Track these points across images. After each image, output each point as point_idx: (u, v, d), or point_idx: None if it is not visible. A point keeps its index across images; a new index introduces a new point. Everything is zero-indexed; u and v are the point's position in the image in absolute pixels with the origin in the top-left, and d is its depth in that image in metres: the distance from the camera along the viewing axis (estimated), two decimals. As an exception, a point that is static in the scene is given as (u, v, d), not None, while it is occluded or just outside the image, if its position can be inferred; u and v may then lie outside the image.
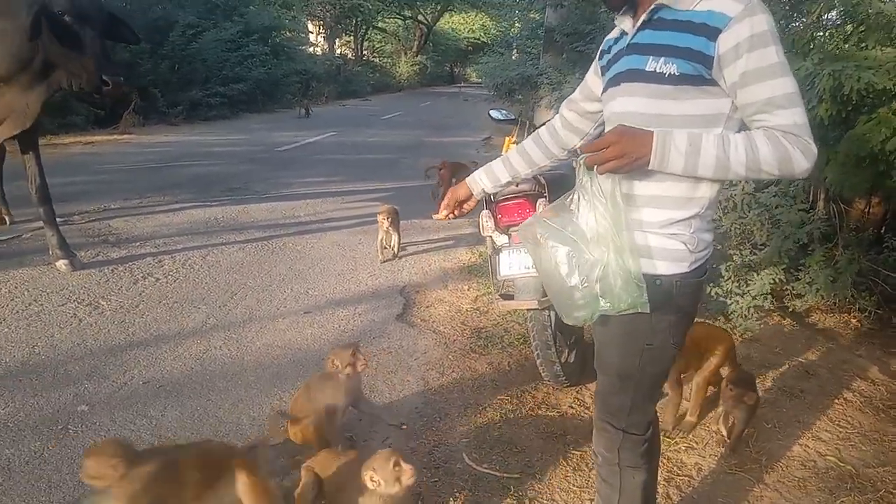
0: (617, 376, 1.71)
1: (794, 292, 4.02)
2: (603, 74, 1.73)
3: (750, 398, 2.63)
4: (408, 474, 1.95)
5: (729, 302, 3.83)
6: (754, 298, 3.77)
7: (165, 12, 16.65)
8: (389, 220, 5.11)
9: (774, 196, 3.97)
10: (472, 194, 1.98)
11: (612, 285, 1.49)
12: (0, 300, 4.03)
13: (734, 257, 3.95)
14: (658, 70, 1.49)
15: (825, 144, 3.84)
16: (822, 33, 4.14)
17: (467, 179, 1.99)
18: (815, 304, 4.11)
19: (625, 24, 1.62)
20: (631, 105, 1.56)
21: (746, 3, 1.41)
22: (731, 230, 4.20)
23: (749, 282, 3.85)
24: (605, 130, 1.66)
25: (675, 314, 1.61)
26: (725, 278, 3.91)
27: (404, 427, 2.82)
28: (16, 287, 4.27)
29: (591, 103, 1.85)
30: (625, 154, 1.42)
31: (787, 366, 3.50)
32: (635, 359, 1.65)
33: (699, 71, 1.45)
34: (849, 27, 4.01)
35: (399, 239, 5.29)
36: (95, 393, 3.01)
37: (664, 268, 1.56)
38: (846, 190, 3.90)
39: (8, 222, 5.75)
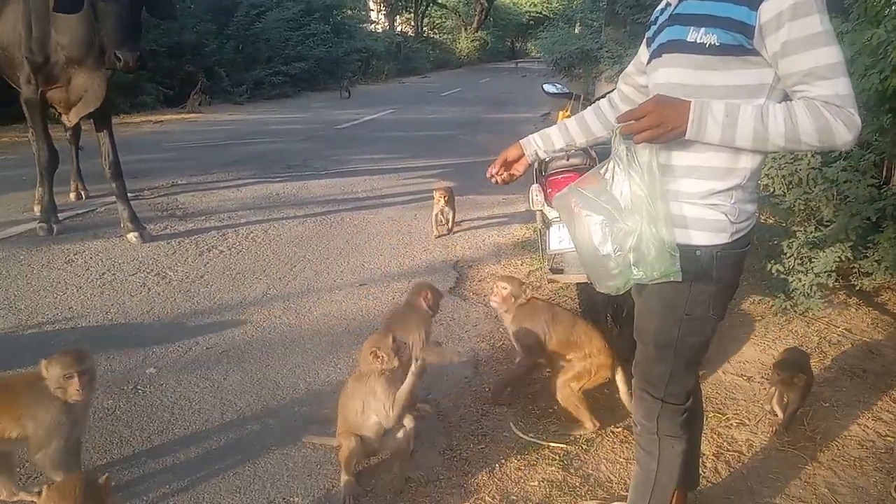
0: (654, 346, 1.71)
1: (861, 270, 3.87)
2: (648, 46, 1.73)
3: (800, 379, 2.57)
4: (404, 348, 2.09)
5: (791, 279, 3.72)
6: (818, 276, 3.64)
7: (231, -7, 17.03)
8: (445, 198, 5.15)
9: (843, 171, 3.82)
10: (525, 155, 1.92)
11: (646, 254, 1.50)
12: (76, 269, 4.29)
13: (798, 234, 3.82)
14: (699, 40, 1.47)
15: (897, 116, 3.66)
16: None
17: (521, 141, 1.94)
18: (883, 283, 3.95)
19: None
20: (673, 76, 1.55)
21: None
22: (794, 206, 4.07)
23: (813, 259, 3.72)
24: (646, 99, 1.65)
25: (714, 285, 1.59)
26: (788, 255, 3.79)
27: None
28: (91, 258, 4.52)
29: (643, 76, 1.83)
30: (661, 123, 1.42)
31: (850, 345, 3.39)
32: (674, 329, 1.65)
33: (739, 41, 1.42)
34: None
35: (454, 215, 5.33)
36: (163, 357, 3.18)
37: (704, 238, 1.55)
38: (920, 164, 3.72)
39: (84, 197, 6.08)
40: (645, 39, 1.78)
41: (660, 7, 1.73)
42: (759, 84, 1.47)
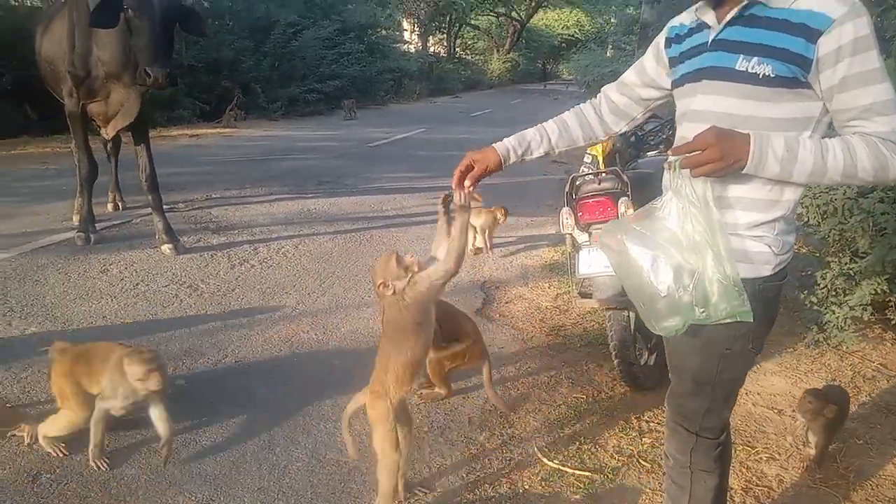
0: (693, 381, 1.67)
1: (897, 304, 3.78)
2: (673, 66, 1.68)
3: (830, 411, 2.50)
4: (411, 262, 2.03)
5: (824, 312, 3.65)
6: (852, 309, 3.57)
7: (268, 11, 17.39)
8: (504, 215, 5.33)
9: (880, 202, 3.75)
10: (501, 160, 1.78)
11: (709, 293, 1.43)
12: (111, 279, 4.38)
13: (832, 265, 3.75)
14: (751, 70, 1.43)
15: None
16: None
17: (496, 145, 1.80)
18: (922, 319, 3.86)
19: (707, 16, 1.55)
20: (717, 104, 1.50)
21: (851, 5, 1.36)
22: (829, 236, 4.00)
23: (847, 291, 3.65)
24: (681, 127, 1.62)
25: (756, 319, 1.52)
26: (821, 286, 3.72)
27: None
28: (125, 268, 4.61)
29: (647, 90, 1.79)
30: (723, 157, 1.37)
31: (885, 381, 3.31)
32: (713, 364, 1.61)
33: (795, 73, 1.40)
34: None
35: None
36: (192, 368, 3.23)
37: (747, 271, 1.51)
38: (960, 196, 3.64)
39: (121, 208, 6.22)
40: (661, 55, 1.73)
41: (681, 23, 1.68)
42: (807, 117, 1.45)
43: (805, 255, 4.35)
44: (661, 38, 1.74)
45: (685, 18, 1.67)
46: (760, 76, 1.42)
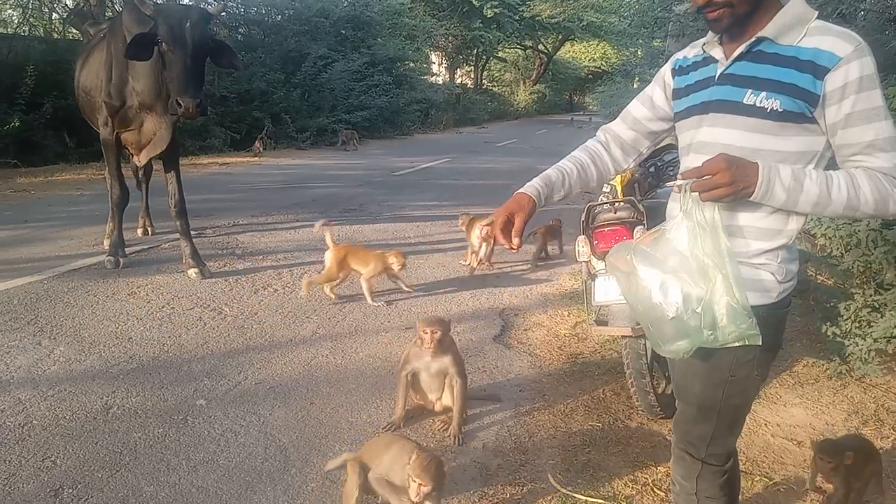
0: (698, 407, 1.69)
1: (924, 337, 3.71)
2: (677, 97, 1.71)
3: (848, 458, 2.31)
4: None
5: (848, 343, 3.60)
6: (876, 341, 3.51)
7: (299, 44, 17.85)
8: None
9: (904, 233, 3.71)
10: (536, 204, 1.71)
11: (718, 316, 1.44)
12: (138, 301, 4.49)
13: (856, 296, 3.71)
14: (759, 104, 1.47)
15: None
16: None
17: (526, 190, 1.74)
18: (949, 352, 3.78)
19: (715, 51, 1.60)
20: (724, 136, 1.53)
21: (856, 45, 1.41)
22: (853, 267, 3.95)
23: (872, 323, 3.60)
24: (687, 158, 1.64)
25: (760, 346, 1.53)
26: (845, 318, 3.68)
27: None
28: (152, 291, 4.73)
29: (657, 122, 1.81)
30: (733, 182, 1.40)
31: (910, 415, 3.24)
32: (718, 391, 1.62)
33: (802, 108, 1.44)
34: None
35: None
36: (213, 389, 3.29)
37: (751, 299, 1.50)
38: None
39: (150, 233, 6.38)
40: (666, 87, 1.76)
41: (687, 56, 1.71)
42: (812, 151, 1.49)
43: (829, 286, 4.29)
44: (666, 70, 1.78)
45: (689, 52, 1.72)
46: (768, 110, 1.46)
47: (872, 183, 1.41)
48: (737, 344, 1.46)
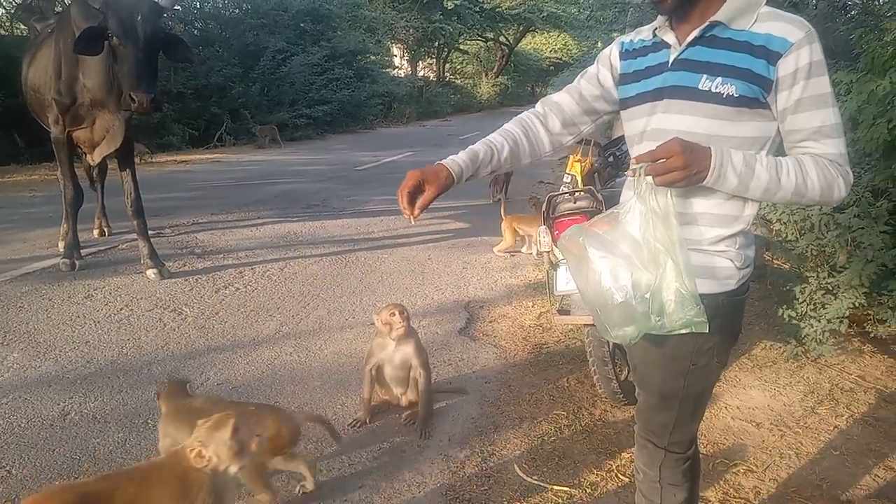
0: (660, 397, 1.69)
1: (875, 317, 3.83)
2: (625, 83, 1.66)
3: None
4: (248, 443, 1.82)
5: (803, 325, 3.69)
6: (830, 322, 3.61)
7: (257, 38, 17.59)
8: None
9: (856, 217, 3.81)
10: (454, 180, 1.65)
11: (666, 302, 1.42)
12: (95, 304, 4.38)
13: (810, 280, 3.81)
14: (714, 90, 1.46)
15: (909, 164, 3.67)
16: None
17: (446, 163, 1.67)
18: (900, 331, 3.90)
19: (667, 35, 1.56)
20: (679, 123, 1.51)
21: (807, 31, 1.42)
22: (807, 251, 4.05)
23: (826, 305, 3.70)
24: (640, 146, 1.61)
25: (720, 334, 1.56)
26: (800, 301, 3.77)
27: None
28: (110, 293, 4.62)
29: (602, 102, 1.74)
30: (686, 166, 1.38)
31: (862, 392, 3.34)
32: (680, 380, 1.63)
33: (757, 94, 1.44)
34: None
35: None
36: (174, 391, 3.22)
37: (710, 287, 1.52)
38: (935, 210, 3.72)
39: (107, 234, 6.24)
40: (611, 66, 1.70)
41: (633, 40, 1.67)
42: (765, 136, 1.50)
43: (784, 270, 4.40)
44: (613, 52, 1.72)
45: (634, 36, 1.68)
46: (724, 95, 1.45)
47: (819, 169, 1.43)
48: (684, 331, 1.44)
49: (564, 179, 4.15)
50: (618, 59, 1.70)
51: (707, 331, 1.44)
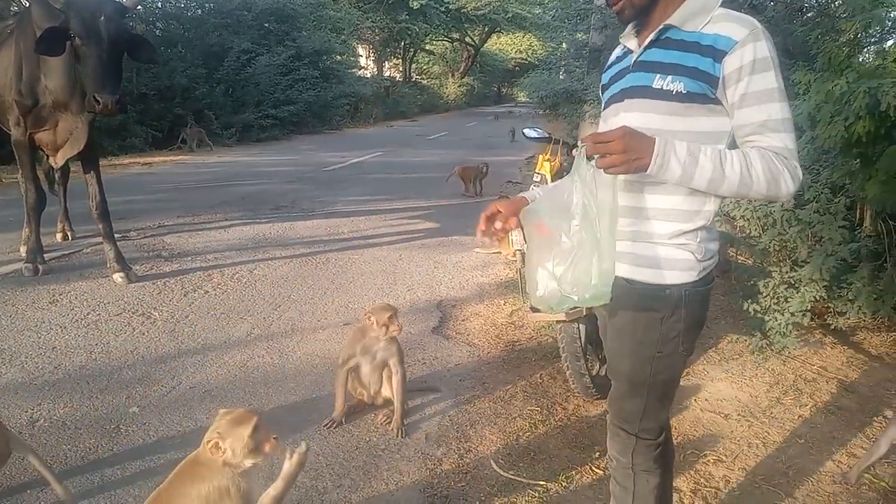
0: (629, 383, 1.76)
1: (836, 310, 3.96)
2: (604, 91, 1.79)
3: None
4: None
5: (767, 319, 3.80)
6: (793, 315, 3.72)
7: (221, 39, 17.36)
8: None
9: (816, 213, 3.93)
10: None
11: (582, 274, 1.51)
12: (61, 309, 4.29)
13: (774, 274, 3.92)
14: (665, 87, 1.55)
15: (865, 161, 3.80)
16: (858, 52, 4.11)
17: (527, 196, 1.80)
18: (859, 323, 4.04)
19: (630, 42, 1.70)
20: (636, 120, 1.57)
21: (751, 29, 1.49)
22: (770, 247, 4.17)
23: (789, 299, 3.81)
24: None
25: (684, 322, 1.65)
26: (764, 295, 3.88)
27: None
28: (76, 298, 4.53)
29: None
30: (626, 152, 1.43)
31: (825, 382, 3.45)
32: (647, 366, 1.70)
33: (703, 90, 1.52)
34: (889, 44, 3.98)
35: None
36: (146, 396, 3.19)
37: (674, 277, 1.62)
38: (888, 206, 3.85)
39: (70, 238, 6.10)
40: (601, 87, 1.85)
41: (615, 53, 1.82)
42: (720, 131, 1.56)
43: (749, 265, 4.51)
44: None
45: (618, 49, 1.82)
46: (674, 92, 1.54)
47: (765, 161, 1.48)
48: (592, 304, 1.59)
49: (534, 178, 4.19)
50: (604, 73, 1.84)
51: (608, 301, 1.55)
